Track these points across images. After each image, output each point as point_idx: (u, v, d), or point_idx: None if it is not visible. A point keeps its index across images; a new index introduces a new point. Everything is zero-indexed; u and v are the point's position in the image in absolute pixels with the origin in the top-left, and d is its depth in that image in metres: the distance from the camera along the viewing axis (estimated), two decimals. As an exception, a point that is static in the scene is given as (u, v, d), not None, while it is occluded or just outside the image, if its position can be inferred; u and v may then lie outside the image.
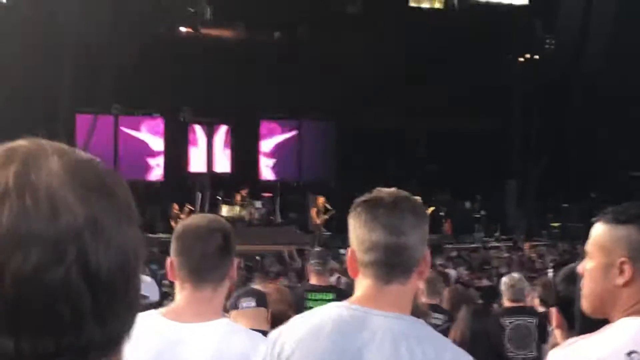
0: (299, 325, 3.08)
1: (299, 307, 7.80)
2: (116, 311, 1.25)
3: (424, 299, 9.45)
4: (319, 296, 9.36)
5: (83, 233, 1.20)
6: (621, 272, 3.00)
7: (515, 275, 9.79)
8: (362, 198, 3.11)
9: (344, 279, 14.29)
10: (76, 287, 1.19)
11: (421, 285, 9.67)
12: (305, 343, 2.99)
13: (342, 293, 8.57)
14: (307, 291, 9.79)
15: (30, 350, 1.18)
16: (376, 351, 2.90)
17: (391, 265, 3.00)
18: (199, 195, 33.22)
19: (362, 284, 3.06)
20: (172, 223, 29.60)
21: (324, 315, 3.04)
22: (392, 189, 3.15)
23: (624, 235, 3.02)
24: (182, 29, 32.24)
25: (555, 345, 3.62)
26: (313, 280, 10.12)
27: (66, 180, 1.23)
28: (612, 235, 3.05)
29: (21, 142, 1.29)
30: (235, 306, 5.66)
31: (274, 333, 3.14)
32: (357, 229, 3.05)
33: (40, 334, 1.19)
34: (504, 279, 9.65)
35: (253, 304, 5.64)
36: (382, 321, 2.95)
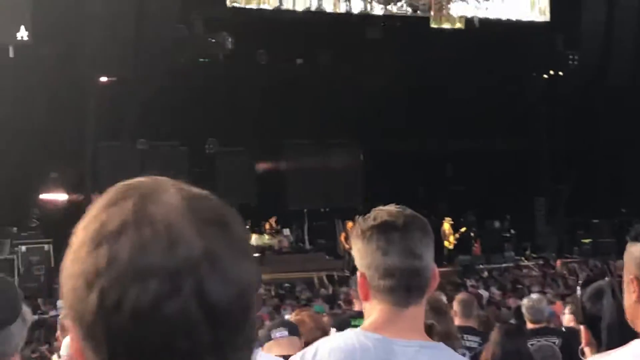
0: (322, 353, 3.01)
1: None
2: (235, 344, 1.25)
3: (457, 321, 9.31)
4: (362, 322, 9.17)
5: (200, 265, 1.21)
6: (634, 289, 3.01)
7: (534, 296, 9.74)
8: (371, 222, 3.02)
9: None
10: (194, 320, 1.20)
11: (456, 307, 9.58)
12: None
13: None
14: (352, 317, 9.64)
15: None
16: None
17: (408, 289, 2.97)
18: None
19: (377, 308, 3.01)
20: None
21: (347, 343, 2.98)
22: (393, 208, 3.09)
23: (634, 253, 3.02)
24: (204, 59, 32.30)
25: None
26: (357, 307, 9.99)
27: (184, 213, 1.24)
28: (628, 253, 3.06)
29: (139, 179, 1.32)
30: (268, 337, 5.66)
31: (296, 357, 3.08)
32: (370, 254, 2.99)
33: None
34: (524, 301, 9.64)
35: (286, 333, 5.65)
36: (405, 351, 2.90)
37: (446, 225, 32.65)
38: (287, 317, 11.49)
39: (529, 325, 9.31)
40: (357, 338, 2.97)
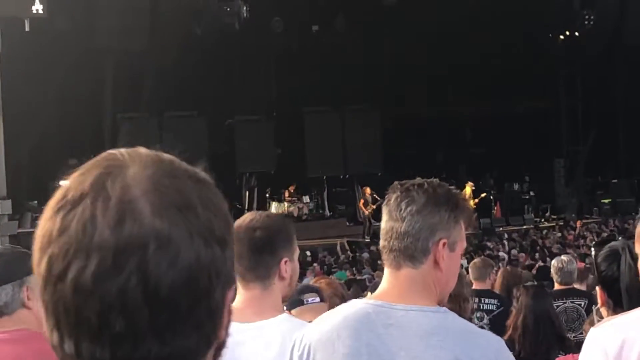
0: (322, 324, 2.98)
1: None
2: (179, 329, 1.22)
3: (474, 285, 9.29)
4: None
5: (147, 246, 1.19)
6: None
7: (564, 257, 9.59)
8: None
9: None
10: (132, 300, 1.18)
11: (470, 271, 9.55)
12: (328, 343, 2.88)
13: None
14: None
15: (88, 355, 1.21)
16: (408, 348, 2.77)
17: (392, 250, 2.94)
18: (247, 194, 33.29)
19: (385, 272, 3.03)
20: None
21: (348, 312, 2.93)
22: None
23: None
24: (220, 28, 32.17)
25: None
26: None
27: (145, 192, 1.22)
28: None
29: (120, 150, 1.29)
30: (300, 302, 5.66)
31: (299, 334, 3.04)
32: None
33: (96, 341, 1.20)
34: (553, 262, 9.48)
35: (317, 299, 5.65)
36: (406, 315, 2.84)
37: (467, 190, 32.55)
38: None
39: (557, 287, 9.18)
40: (360, 306, 2.93)
